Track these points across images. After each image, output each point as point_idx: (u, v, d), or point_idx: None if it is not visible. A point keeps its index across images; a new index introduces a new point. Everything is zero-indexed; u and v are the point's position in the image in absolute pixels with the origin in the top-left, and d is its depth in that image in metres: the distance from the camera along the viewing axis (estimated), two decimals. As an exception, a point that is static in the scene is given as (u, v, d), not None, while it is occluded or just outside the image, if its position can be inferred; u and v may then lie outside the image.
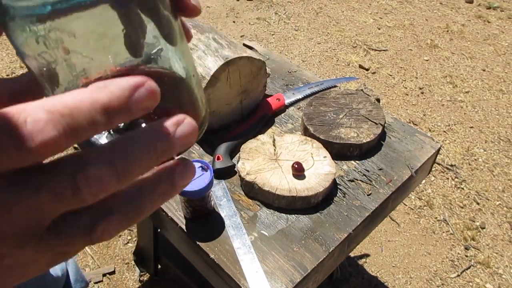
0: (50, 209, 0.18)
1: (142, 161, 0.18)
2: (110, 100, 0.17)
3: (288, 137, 0.82)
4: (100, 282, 1.32)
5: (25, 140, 0.16)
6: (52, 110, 0.17)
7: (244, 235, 0.69)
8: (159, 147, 0.19)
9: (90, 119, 0.17)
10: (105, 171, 0.18)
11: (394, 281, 1.38)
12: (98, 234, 0.19)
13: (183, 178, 0.20)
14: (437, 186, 1.71)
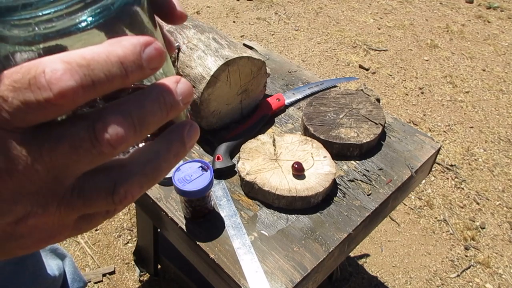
0: (70, 164, 0.18)
1: (154, 113, 0.19)
2: (124, 53, 0.18)
3: (288, 137, 0.82)
4: (100, 282, 1.32)
5: (43, 90, 0.16)
6: (69, 61, 0.17)
7: (244, 235, 0.69)
8: (167, 100, 0.20)
9: (107, 70, 0.17)
10: (122, 121, 0.18)
11: (394, 281, 1.38)
12: (121, 195, 0.20)
13: (191, 137, 0.22)
14: (437, 186, 1.71)
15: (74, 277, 0.83)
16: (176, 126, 0.22)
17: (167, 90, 0.20)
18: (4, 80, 0.17)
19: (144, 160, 0.20)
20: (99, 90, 0.18)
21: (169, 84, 0.20)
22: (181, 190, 0.65)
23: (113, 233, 1.48)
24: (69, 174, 0.19)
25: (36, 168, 0.18)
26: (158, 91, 0.20)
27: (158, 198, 0.75)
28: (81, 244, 1.43)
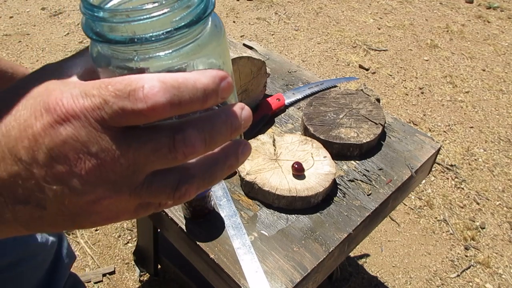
0: (148, 163, 0.22)
1: (222, 133, 0.24)
2: (208, 82, 0.22)
3: (288, 137, 0.82)
4: (100, 282, 1.32)
5: (139, 102, 0.21)
6: (164, 81, 0.21)
7: (244, 235, 0.69)
8: (234, 123, 0.24)
9: (192, 94, 0.22)
10: (197, 135, 0.23)
11: (394, 281, 1.38)
12: (181, 192, 0.24)
13: (244, 154, 0.26)
14: (437, 186, 1.71)
15: (68, 252, 0.84)
16: (233, 143, 0.26)
17: (234, 115, 0.24)
18: (109, 87, 0.21)
19: (204, 167, 0.25)
20: (182, 109, 0.22)
21: (236, 110, 0.24)
22: (181, 190, 0.65)
23: (113, 233, 1.48)
24: (144, 170, 0.23)
25: (121, 162, 0.22)
26: (227, 115, 0.24)
27: (158, 198, 0.75)
28: (81, 244, 1.43)
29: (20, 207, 0.23)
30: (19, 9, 2.74)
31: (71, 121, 0.21)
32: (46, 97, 0.22)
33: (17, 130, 0.22)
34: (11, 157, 0.22)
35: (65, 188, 0.22)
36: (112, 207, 0.24)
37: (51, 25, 2.60)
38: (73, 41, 2.46)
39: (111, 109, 0.21)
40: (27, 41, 2.44)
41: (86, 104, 0.21)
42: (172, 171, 0.24)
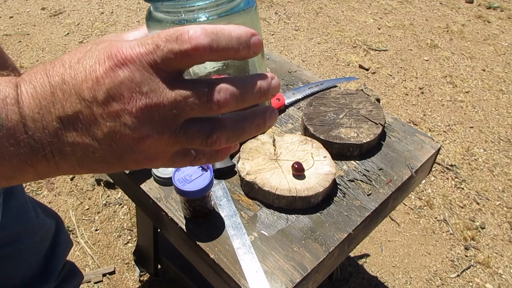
0: (187, 108, 0.26)
1: (252, 94, 0.27)
2: (241, 34, 0.26)
3: (288, 137, 0.82)
4: (100, 282, 1.32)
5: (185, 43, 0.25)
6: (205, 28, 0.25)
7: (244, 235, 0.69)
8: (263, 87, 0.28)
9: (228, 41, 0.26)
10: (231, 91, 0.26)
11: (394, 281, 1.38)
12: (213, 139, 0.27)
13: (271, 118, 0.29)
14: (437, 186, 1.71)
15: (66, 239, 0.85)
16: (262, 107, 0.30)
17: (265, 80, 0.28)
18: (161, 35, 0.25)
19: (235, 121, 0.28)
20: (219, 53, 0.26)
21: (267, 76, 0.28)
22: (181, 190, 0.65)
23: (113, 233, 1.48)
24: (184, 115, 0.26)
25: (165, 103, 0.26)
26: (258, 79, 0.28)
27: (158, 198, 0.75)
28: (81, 244, 1.43)
29: (79, 141, 0.27)
30: (19, 9, 2.74)
31: (128, 65, 0.25)
32: (109, 48, 0.26)
33: (83, 74, 0.26)
34: (76, 96, 0.26)
35: (117, 124, 0.26)
36: (153, 147, 0.27)
37: (51, 25, 2.60)
38: (73, 41, 2.46)
39: (162, 52, 0.25)
40: (27, 41, 2.44)
41: (142, 50, 0.25)
42: (207, 120, 0.27)
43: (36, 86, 0.26)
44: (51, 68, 0.27)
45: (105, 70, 0.25)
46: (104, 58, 0.26)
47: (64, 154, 0.27)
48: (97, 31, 2.55)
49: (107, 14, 2.72)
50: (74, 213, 1.53)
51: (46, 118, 0.26)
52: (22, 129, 0.26)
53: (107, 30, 2.56)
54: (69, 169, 0.28)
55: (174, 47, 0.25)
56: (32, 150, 0.26)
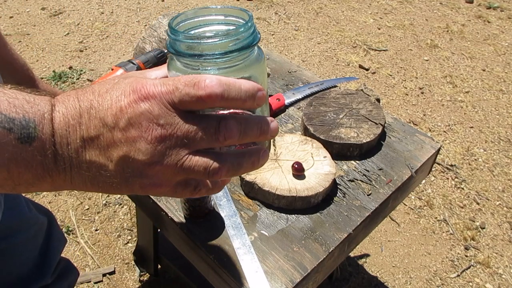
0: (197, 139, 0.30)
1: (253, 131, 0.31)
2: (250, 88, 0.31)
3: (288, 137, 0.82)
4: (100, 282, 1.32)
5: (201, 89, 0.29)
6: (220, 79, 0.29)
7: (244, 235, 0.69)
8: (263, 128, 0.32)
9: (237, 93, 0.30)
10: (236, 125, 0.30)
11: (394, 281, 1.38)
12: (215, 171, 0.31)
13: (264, 158, 0.33)
14: (437, 186, 1.71)
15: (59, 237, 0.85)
16: (258, 147, 0.34)
17: (266, 122, 0.32)
18: (181, 79, 0.30)
19: (234, 156, 0.32)
20: (229, 102, 0.30)
21: (268, 119, 0.33)
22: (181, 190, 0.65)
23: (113, 233, 1.48)
24: (192, 145, 0.30)
25: (178, 133, 0.29)
26: (260, 119, 0.32)
27: (158, 198, 0.75)
28: (81, 244, 1.43)
29: (95, 159, 0.30)
30: (19, 9, 2.74)
31: (149, 99, 0.29)
32: (135, 83, 0.30)
33: (110, 102, 0.29)
34: (100, 120, 0.29)
35: (132, 149, 0.29)
36: (161, 174, 0.30)
37: (51, 25, 2.60)
38: (73, 41, 2.46)
39: (180, 93, 0.29)
40: (27, 41, 2.44)
41: (163, 89, 0.29)
42: (212, 153, 0.31)
43: (68, 107, 0.30)
44: (82, 94, 0.31)
45: (129, 102, 0.29)
46: (130, 91, 0.30)
47: (80, 170, 0.30)
48: (97, 31, 2.55)
49: (107, 14, 2.72)
50: (74, 213, 1.53)
51: (71, 135, 0.29)
52: (51, 142, 0.29)
53: (107, 30, 2.56)
54: (81, 185, 0.31)
55: (191, 91, 0.29)
56: (55, 162, 0.29)
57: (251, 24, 0.34)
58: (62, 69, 2.20)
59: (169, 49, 0.33)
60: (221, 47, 0.32)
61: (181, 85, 0.29)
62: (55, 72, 2.15)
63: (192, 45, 0.32)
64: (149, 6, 2.82)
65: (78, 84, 2.11)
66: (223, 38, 0.32)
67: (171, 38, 0.33)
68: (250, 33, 0.33)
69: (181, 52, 0.32)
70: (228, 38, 0.32)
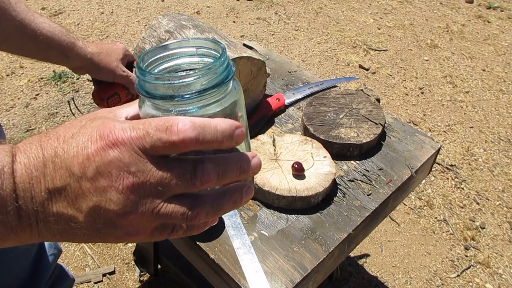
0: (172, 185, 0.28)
1: (232, 171, 0.29)
2: (226, 127, 0.28)
3: (288, 137, 0.82)
4: (100, 282, 1.32)
5: (173, 134, 0.27)
6: (194, 121, 0.27)
7: (244, 235, 0.69)
8: (243, 166, 0.30)
9: (213, 135, 0.28)
10: (213, 169, 0.28)
11: (394, 281, 1.38)
12: (194, 214, 0.29)
13: (247, 194, 0.31)
14: (437, 186, 1.71)
15: (50, 244, 0.84)
16: (240, 184, 0.32)
17: (246, 160, 0.30)
18: (152, 123, 0.27)
19: (214, 197, 0.30)
20: (204, 145, 0.28)
21: (248, 156, 0.30)
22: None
23: (113, 233, 1.48)
24: (168, 191, 0.28)
25: (151, 181, 0.27)
26: (239, 158, 0.30)
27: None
28: (81, 244, 1.43)
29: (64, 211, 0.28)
30: (19, 9, 2.74)
31: (119, 146, 0.27)
32: (102, 127, 0.28)
33: (75, 149, 0.27)
34: (66, 170, 0.27)
35: (103, 199, 0.27)
36: (135, 223, 0.28)
37: (51, 25, 2.60)
38: (73, 41, 2.45)
39: (151, 139, 0.27)
40: (27, 41, 2.43)
41: (133, 134, 0.27)
42: (189, 196, 0.29)
43: (30, 156, 0.28)
44: (45, 140, 0.28)
45: (96, 149, 0.27)
46: (97, 137, 0.27)
47: (47, 223, 0.28)
48: (97, 31, 2.55)
49: (107, 14, 2.72)
50: (74, 213, 1.53)
51: (35, 188, 0.27)
52: (13, 198, 0.27)
53: (107, 30, 2.56)
54: (50, 237, 0.29)
55: (163, 136, 0.27)
56: (18, 218, 0.27)
57: (224, 58, 0.32)
58: (62, 69, 2.20)
59: (139, 90, 0.31)
60: (194, 86, 0.29)
61: (152, 130, 0.27)
62: (55, 72, 2.15)
63: (162, 86, 0.30)
64: (149, 6, 2.82)
65: (78, 84, 2.11)
66: (196, 77, 0.29)
67: (140, 78, 0.31)
68: (224, 68, 0.31)
69: (151, 93, 0.30)
70: (201, 76, 0.29)
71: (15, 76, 2.14)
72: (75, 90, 2.07)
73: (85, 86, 2.10)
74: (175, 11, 2.77)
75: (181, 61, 0.35)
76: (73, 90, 2.07)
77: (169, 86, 0.29)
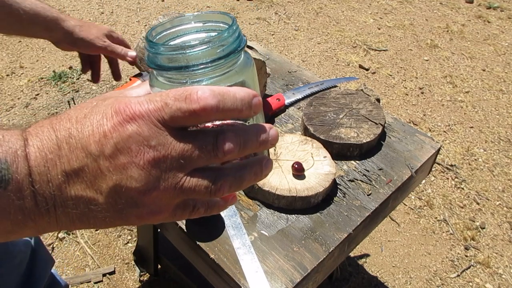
0: (194, 157, 0.27)
1: (252, 141, 0.29)
2: (244, 95, 0.28)
3: (288, 137, 0.82)
4: (100, 282, 1.32)
5: (194, 103, 0.26)
6: (213, 89, 0.27)
7: (244, 235, 0.69)
8: (263, 137, 0.29)
9: (233, 103, 0.27)
10: (234, 138, 0.28)
11: (394, 281, 1.38)
12: (217, 187, 0.28)
13: (267, 166, 0.31)
14: (437, 186, 1.71)
15: (42, 256, 0.84)
16: (260, 156, 0.31)
17: (264, 130, 0.29)
18: (169, 93, 0.26)
19: (236, 169, 0.29)
20: (225, 113, 0.27)
21: (266, 127, 0.30)
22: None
23: (113, 233, 1.48)
24: (190, 165, 0.27)
25: (172, 154, 0.26)
26: (258, 129, 0.29)
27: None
28: (81, 244, 1.43)
29: (82, 194, 0.27)
30: (19, 9, 2.74)
31: (136, 120, 0.26)
32: (117, 103, 0.27)
33: (90, 128, 0.26)
34: (82, 150, 0.26)
35: (124, 177, 0.26)
36: (158, 200, 0.27)
37: (51, 25, 2.60)
38: (73, 41, 2.45)
39: (170, 109, 0.26)
40: (27, 41, 2.43)
41: (150, 107, 0.26)
42: (211, 169, 0.28)
43: (43, 139, 0.27)
44: (57, 123, 0.27)
45: (113, 125, 0.26)
46: (112, 113, 0.26)
47: (65, 208, 0.27)
48: (97, 31, 2.55)
49: (107, 14, 2.72)
50: (74, 213, 1.53)
51: (51, 171, 0.26)
52: (29, 182, 0.26)
53: (107, 30, 2.56)
54: (69, 224, 0.28)
55: (182, 106, 0.26)
56: (35, 204, 0.26)
57: (236, 27, 0.31)
58: (62, 69, 2.20)
59: (150, 64, 0.31)
60: (208, 55, 0.29)
61: (170, 100, 0.26)
62: (55, 72, 2.15)
63: (175, 57, 0.29)
64: (149, 6, 2.82)
65: (78, 84, 2.11)
66: (209, 45, 0.29)
67: (151, 52, 0.30)
68: (236, 36, 0.31)
69: (164, 66, 0.30)
70: (214, 44, 0.29)
71: (15, 76, 2.14)
72: (75, 90, 2.07)
73: (85, 86, 2.10)
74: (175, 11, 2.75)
75: (189, 37, 0.34)
76: (73, 90, 2.07)
77: (183, 57, 0.29)
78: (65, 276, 1.33)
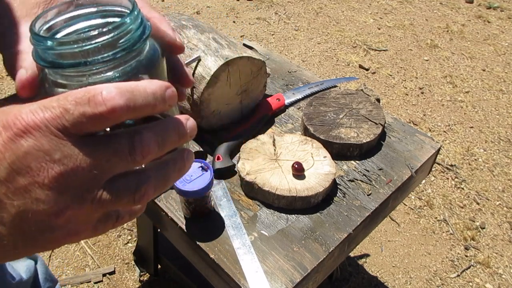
0: (109, 166, 0.23)
1: (171, 138, 0.26)
2: (156, 89, 0.25)
3: (288, 137, 0.82)
4: (100, 282, 1.32)
5: (99, 105, 0.22)
6: (119, 87, 0.23)
7: (244, 235, 0.69)
8: (181, 130, 0.27)
9: (144, 98, 0.24)
10: (152, 138, 0.25)
11: (394, 281, 1.38)
12: (141, 193, 0.25)
13: (189, 159, 0.28)
14: (437, 186, 1.71)
15: (46, 277, 0.83)
16: (179, 150, 0.28)
17: (182, 124, 0.27)
18: (68, 97, 0.22)
19: (157, 169, 0.26)
20: (137, 111, 0.24)
21: (182, 120, 0.27)
22: (181, 190, 0.65)
23: (113, 233, 1.48)
24: (105, 174, 0.24)
25: (83, 166, 0.23)
26: (175, 123, 0.27)
27: (158, 198, 0.75)
28: (81, 244, 1.43)
29: None
30: (19, 9, 2.74)
31: (32, 132, 0.22)
32: (4, 116, 0.22)
33: None
34: None
35: (28, 201, 0.22)
36: (74, 219, 0.24)
37: (51, 25, 2.60)
38: (73, 41, 2.45)
39: (72, 116, 0.22)
40: (27, 41, 2.44)
41: (47, 115, 0.22)
42: (130, 175, 0.25)
43: None
44: None
45: (2, 143, 0.22)
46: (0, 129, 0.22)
47: None
48: (97, 31, 2.55)
49: (107, 14, 2.72)
50: (74, 213, 1.53)
51: None
52: None
53: (107, 30, 2.56)
54: None
55: (86, 110, 0.22)
56: None
57: (137, 11, 0.27)
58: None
59: (39, 62, 0.26)
60: (110, 46, 0.25)
61: (71, 105, 0.22)
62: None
63: (70, 52, 0.25)
64: (149, 6, 2.82)
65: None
66: (109, 36, 0.25)
67: (39, 47, 0.25)
68: (139, 23, 0.27)
69: (57, 63, 0.25)
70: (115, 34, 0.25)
71: (15, 76, 2.14)
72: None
73: None
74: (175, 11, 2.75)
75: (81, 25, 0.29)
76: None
77: (80, 50, 0.25)
78: (65, 276, 1.33)
